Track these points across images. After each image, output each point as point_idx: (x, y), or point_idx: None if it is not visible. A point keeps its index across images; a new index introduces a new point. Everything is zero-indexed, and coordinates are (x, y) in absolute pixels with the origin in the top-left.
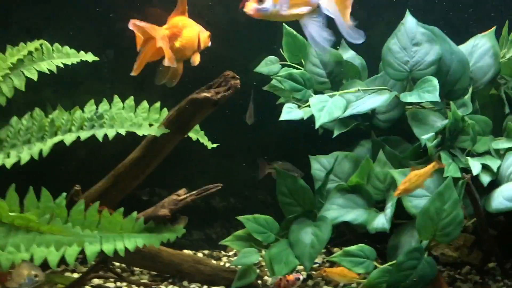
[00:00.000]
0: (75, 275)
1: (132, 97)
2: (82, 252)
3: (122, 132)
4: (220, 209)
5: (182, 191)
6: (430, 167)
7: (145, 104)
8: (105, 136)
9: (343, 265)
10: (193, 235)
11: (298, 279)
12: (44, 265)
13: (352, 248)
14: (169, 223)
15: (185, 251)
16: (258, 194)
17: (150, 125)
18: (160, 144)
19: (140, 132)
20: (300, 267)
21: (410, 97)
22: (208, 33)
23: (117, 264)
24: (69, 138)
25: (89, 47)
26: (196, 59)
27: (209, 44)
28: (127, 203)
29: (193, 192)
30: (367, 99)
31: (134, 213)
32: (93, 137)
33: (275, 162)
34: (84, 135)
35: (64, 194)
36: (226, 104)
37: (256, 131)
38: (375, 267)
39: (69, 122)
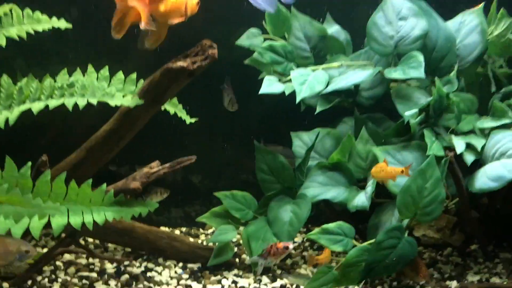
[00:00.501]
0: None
1: (106, 67)
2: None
3: (94, 101)
4: (200, 187)
5: (154, 164)
6: (397, 170)
7: (120, 75)
8: (79, 106)
9: (321, 242)
10: (172, 212)
11: (286, 247)
12: None
13: (331, 225)
14: (140, 197)
15: (162, 228)
16: (240, 173)
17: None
18: (134, 116)
19: (112, 103)
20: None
21: (394, 73)
22: (196, 0)
23: (90, 240)
24: (37, 106)
25: (63, 12)
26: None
27: (196, 11)
28: (103, 179)
29: (166, 165)
30: (350, 75)
31: (104, 185)
32: (70, 109)
33: (269, 144)
34: (53, 103)
35: (30, 163)
36: (205, 77)
37: (239, 108)
38: (354, 246)
39: (39, 90)
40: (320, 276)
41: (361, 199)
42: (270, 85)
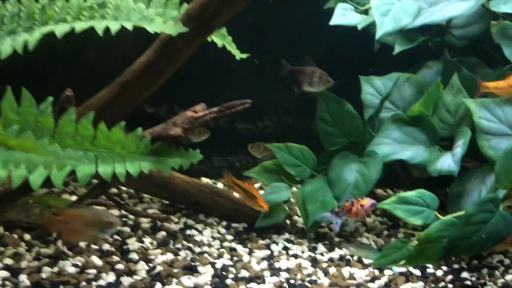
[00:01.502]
0: (74, 198)
1: None
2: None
3: (129, 26)
4: (246, 134)
5: (199, 107)
6: None
7: None
8: (109, 31)
9: (397, 213)
10: (214, 161)
11: (373, 204)
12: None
13: (410, 194)
14: (182, 146)
15: (203, 179)
16: (295, 120)
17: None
18: (176, 46)
19: (151, 29)
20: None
21: (504, 6)
22: None
23: (124, 188)
24: (61, 29)
25: None
26: None
27: None
28: (139, 123)
29: (214, 109)
30: (445, 6)
31: (139, 130)
32: (101, 33)
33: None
34: (80, 26)
35: (51, 99)
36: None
37: (298, 42)
38: (437, 219)
39: (64, 10)
40: (392, 252)
41: (447, 162)
42: (343, 15)
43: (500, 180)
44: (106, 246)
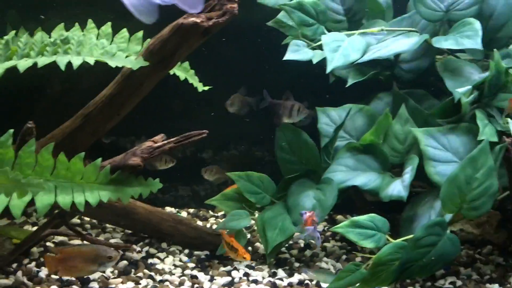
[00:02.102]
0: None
1: (109, 23)
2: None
3: (91, 61)
4: (211, 164)
5: (159, 137)
6: None
7: (124, 32)
8: (73, 66)
9: (349, 237)
10: (179, 191)
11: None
12: None
13: (361, 218)
14: (141, 175)
15: (168, 208)
16: (256, 150)
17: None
18: (138, 80)
19: (112, 63)
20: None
21: (445, 42)
22: None
23: (86, 219)
24: (23, 64)
25: None
26: None
27: None
28: (102, 154)
29: (172, 139)
30: (392, 42)
31: (99, 160)
32: (63, 68)
33: None
34: (42, 61)
35: (11, 131)
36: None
37: (256, 77)
38: (387, 242)
39: (28, 45)
40: (346, 275)
41: (397, 188)
42: (296, 51)
43: (446, 204)
44: (66, 276)
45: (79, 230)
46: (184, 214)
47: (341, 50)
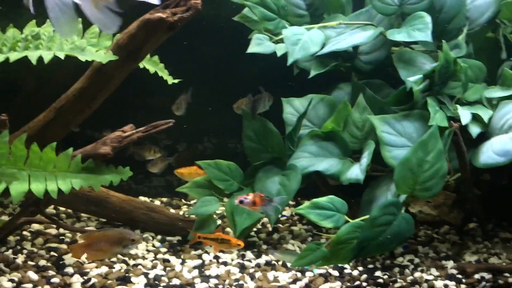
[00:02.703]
0: None
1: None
2: None
3: (61, 55)
4: (186, 155)
5: (128, 127)
6: None
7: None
8: (44, 60)
9: (310, 217)
10: (153, 181)
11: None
12: None
13: (321, 199)
14: (112, 164)
15: (142, 198)
16: (229, 141)
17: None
18: (108, 73)
19: (82, 58)
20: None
21: (398, 35)
22: None
23: (62, 208)
24: None
25: None
26: None
27: None
28: (76, 145)
29: (141, 129)
30: (349, 35)
31: (70, 150)
32: (34, 62)
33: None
34: (14, 56)
35: None
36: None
37: (228, 72)
38: (346, 222)
39: (0, 41)
40: (308, 254)
41: (355, 172)
42: (259, 44)
43: (399, 186)
44: (43, 262)
45: (54, 218)
46: (157, 203)
47: (301, 43)
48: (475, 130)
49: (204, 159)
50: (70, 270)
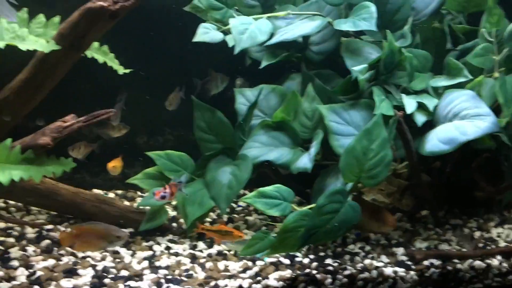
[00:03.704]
0: None
1: (25, 9)
2: None
3: (1, 45)
4: (144, 148)
5: (69, 117)
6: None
7: (41, 17)
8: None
9: (257, 206)
10: (108, 173)
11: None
12: None
13: (268, 188)
14: (54, 155)
15: (96, 190)
16: (190, 134)
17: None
18: (52, 63)
19: (23, 47)
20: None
21: (344, 25)
22: None
23: (12, 202)
24: None
25: None
26: None
27: None
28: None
29: (81, 118)
30: (298, 25)
31: (8, 140)
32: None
33: None
34: None
35: None
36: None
37: (178, 59)
38: (293, 211)
39: None
40: (255, 242)
41: (304, 161)
42: (205, 33)
43: (345, 174)
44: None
45: None
46: (111, 195)
47: (248, 32)
48: (420, 118)
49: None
50: (15, 263)
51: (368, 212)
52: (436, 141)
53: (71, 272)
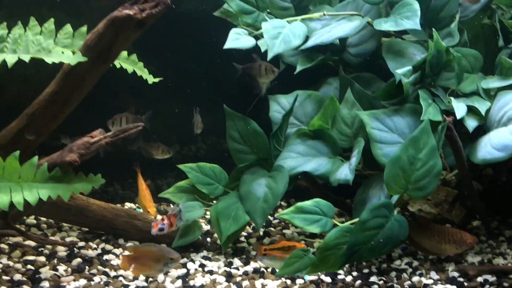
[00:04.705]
0: None
1: (52, 20)
2: None
3: (26, 58)
4: (176, 158)
5: (96, 132)
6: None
7: (68, 28)
8: (8, 64)
9: (295, 223)
10: None
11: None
12: None
13: (306, 203)
14: (81, 172)
15: (128, 204)
16: (224, 142)
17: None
18: (79, 75)
19: (49, 60)
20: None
21: (385, 24)
22: None
23: (43, 219)
24: None
25: None
26: None
27: None
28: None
29: (109, 134)
30: (334, 27)
31: (35, 158)
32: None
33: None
34: None
35: None
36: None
37: (212, 72)
38: (334, 226)
39: None
40: (294, 261)
41: (344, 172)
42: (236, 39)
43: (390, 186)
44: (18, 276)
45: (23, 230)
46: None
47: (282, 36)
48: (471, 123)
49: (198, 160)
50: (46, 284)
51: (439, 235)
52: (490, 147)
53: None
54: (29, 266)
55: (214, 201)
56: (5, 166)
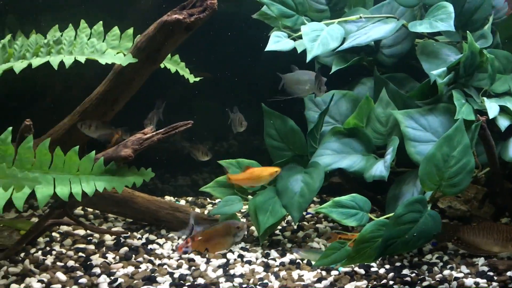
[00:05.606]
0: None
1: (101, 22)
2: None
3: (81, 59)
4: (212, 153)
5: (148, 129)
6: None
7: (115, 30)
8: (65, 65)
9: (333, 216)
10: (178, 180)
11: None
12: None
13: (344, 198)
14: (134, 166)
15: (167, 197)
16: (254, 139)
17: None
18: (129, 76)
19: (102, 61)
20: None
21: (420, 26)
22: None
23: (90, 210)
24: (19, 66)
25: None
26: None
27: None
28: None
29: (160, 131)
30: (370, 29)
31: (92, 153)
32: (55, 67)
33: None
34: (36, 62)
35: (10, 128)
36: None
37: (251, 73)
38: (370, 220)
39: (24, 47)
40: (331, 253)
41: (379, 169)
42: (277, 42)
43: (424, 182)
44: (71, 263)
45: (79, 220)
46: (182, 202)
47: (320, 39)
48: (503, 123)
49: (230, 157)
50: (97, 270)
51: (492, 233)
52: None
53: (150, 280)
54: (80, 254)
55: (250, 196)
56: (66, 160)
